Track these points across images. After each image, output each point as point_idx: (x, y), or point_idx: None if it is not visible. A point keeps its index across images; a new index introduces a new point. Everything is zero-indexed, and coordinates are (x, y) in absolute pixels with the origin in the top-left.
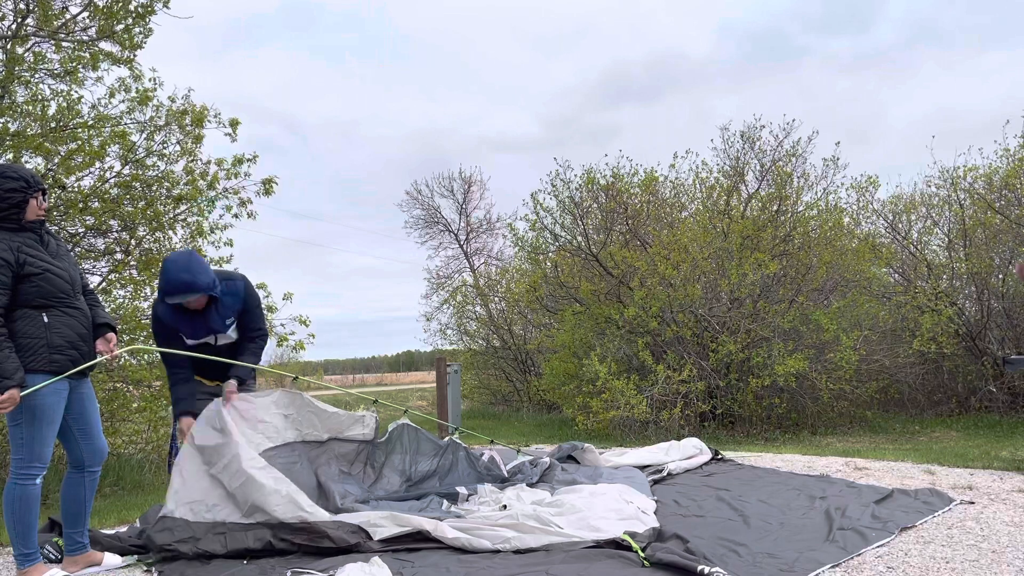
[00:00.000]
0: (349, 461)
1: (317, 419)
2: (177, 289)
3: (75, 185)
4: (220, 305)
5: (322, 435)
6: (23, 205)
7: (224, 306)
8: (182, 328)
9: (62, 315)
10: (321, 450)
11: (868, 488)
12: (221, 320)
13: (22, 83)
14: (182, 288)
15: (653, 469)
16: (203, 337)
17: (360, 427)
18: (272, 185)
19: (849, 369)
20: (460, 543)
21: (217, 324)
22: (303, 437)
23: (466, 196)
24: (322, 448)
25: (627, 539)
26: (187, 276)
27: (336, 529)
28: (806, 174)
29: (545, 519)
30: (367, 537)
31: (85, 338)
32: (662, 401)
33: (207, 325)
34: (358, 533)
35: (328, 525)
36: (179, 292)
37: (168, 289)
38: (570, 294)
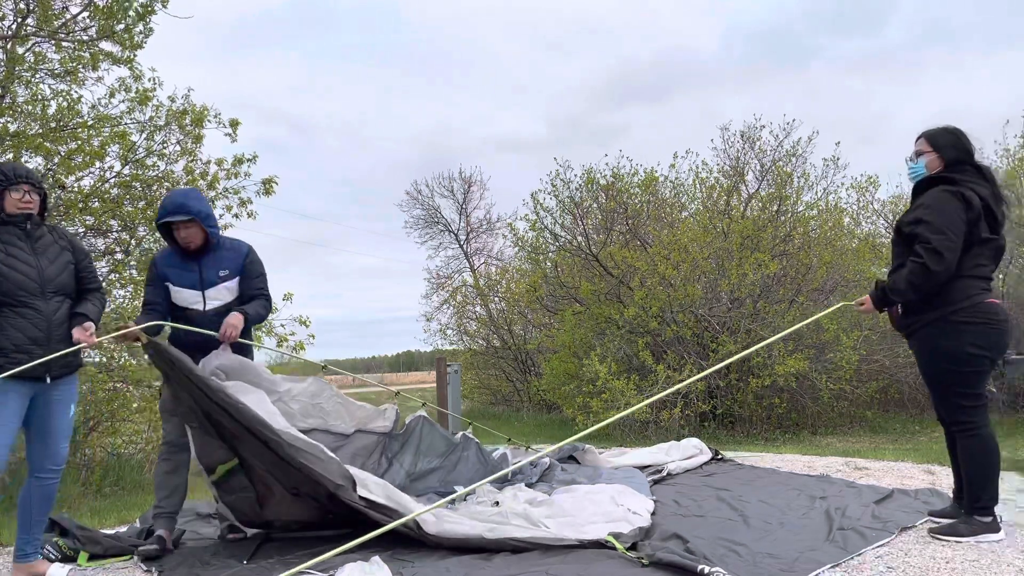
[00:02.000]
0: (368, 453)
1: (345, 411)
2: (169, 209)
3: (75, 185)
4: (216, 252)
5: (349, 427)
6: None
7: (220, 257)
8: (172, 276)
9: (14, 316)
10: (345, 442)
11: (868, 488)
12: (216, 270)
13: (22, 83)
14: (174, 208)
15: (653, 469)
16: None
17: (382, 420)
18: (272, 185)
19: (849, 369)
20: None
21: (210, 273)
22: (328, 427)
23: (466, 196)
24: (346, 441)
25: (610, 539)
26: (182, 198)
27: (329, 462)
28: (806, 174)
29: (534, 519)
30: (352, 487)
31: (39, 341)
32: (662, 401)
33: (199, 275)
34: (347, 478)
35: (325, 455)
36: (171, 212)
37: (161, 211)
38: (570, 294)
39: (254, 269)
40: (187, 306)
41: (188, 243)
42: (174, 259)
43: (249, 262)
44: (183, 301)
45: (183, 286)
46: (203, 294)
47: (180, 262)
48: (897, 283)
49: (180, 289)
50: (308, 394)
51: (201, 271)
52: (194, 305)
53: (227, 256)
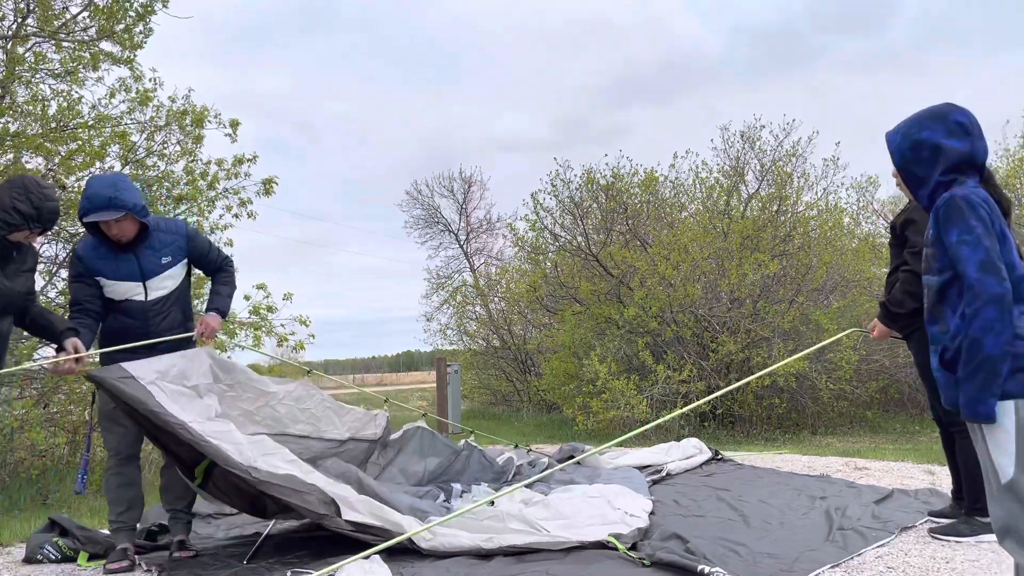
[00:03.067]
0: (360, 461)
1: (336, 416)
2: (97, 204)
3: (75, 185)
4: (153, 237)
5: (343, 433)
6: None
7: (159, 241)
8: (104, 271)
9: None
10: (340, 449)
11: (868, 488)
12: (156, 257)
13: (23, 83)
14: (103, 204)
15: (652, 469)
16: (128, 279)
17: (373, 426)
18: (272, 185)
19: (849, 369)
20: (434, 545)
21: (150, 263)
22: (321, 434)
23: (466, 196)
24: (341, 447)
25: (612, 540)
26: (111, 190)
27: (309, 492)
28: (806, 174)
29: (531, 520)
30: (336, 513)
31: None
32: (662, 401)
33: (138, 265)
34: (329, 505)
35: (304, 485)
36: (100, 208)
37: (87, 205)
38: (570, 294)
39: (201, 245)
40: (125, 298)
41: (120, 237)
42: (104, 251)
43: (193, 244)
44: (120, 294)
45: (120, 279)
46: (144, 285)
47: (112, 254)
48: (895, 296)
49: (117, 283)
50: (294, 398)
51: (139, 261)
52: (134, 296)
53: (167, 240)
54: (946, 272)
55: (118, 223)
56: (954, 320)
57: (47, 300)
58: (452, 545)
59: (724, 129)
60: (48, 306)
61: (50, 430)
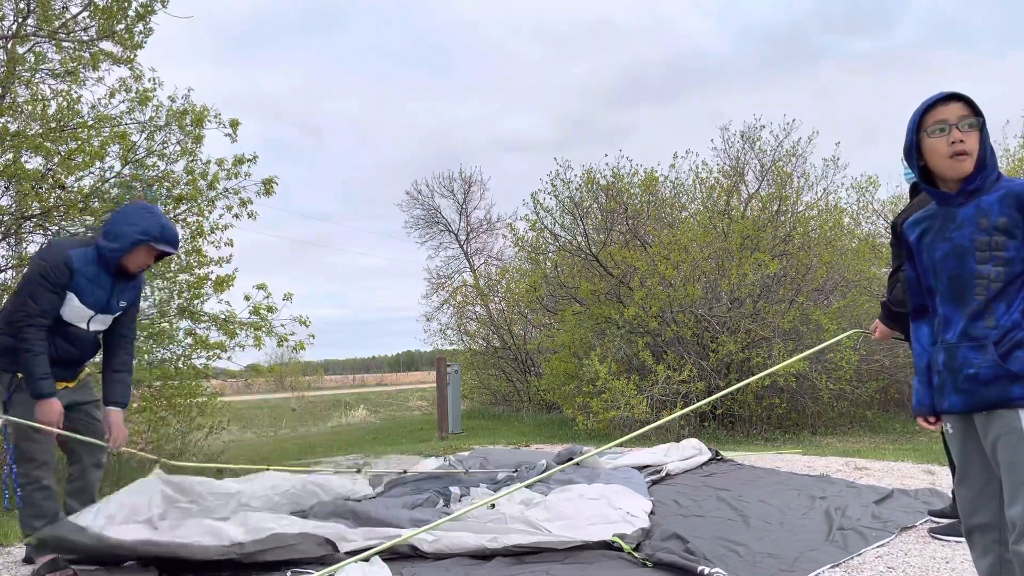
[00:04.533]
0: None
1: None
2: (170, 238)
3: (75, 185)
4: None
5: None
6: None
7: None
8: (83, 289)
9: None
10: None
11: (868, 488)
12: (120, 298)
13: (23, 83)
14: (174, 239)
15: (652, 470)
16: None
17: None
18: (272, 185)
19: (849, 369)
20: (439, 547)
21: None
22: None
23: (466, 196)
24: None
25: (617, 540)
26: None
27: (301, 542)
28: (806, 174)
29: (533, 522)
30: (334, 549)
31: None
32: (662, 401)
33: (107, 298)
34: (324, 545)
35: (292, 538)
36: (172, 242)
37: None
38: (570, 294)
39: (137, 303)
40: (71, 322)
41: (139, 269)
42: (92, 270)
43: (137, 298)
44: (72, 317)
45: (85, 303)
46: (94, 316)
47: (95, 276)
48: (896, 296)
49: (79, 305)
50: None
51: (111, 295)
52: (79, 323)
53: (132, 287)
54: (1017, 264)
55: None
56: (1010, 315)
57: None
58: (456, 546)
59: (724, 129)
60: None
61: None
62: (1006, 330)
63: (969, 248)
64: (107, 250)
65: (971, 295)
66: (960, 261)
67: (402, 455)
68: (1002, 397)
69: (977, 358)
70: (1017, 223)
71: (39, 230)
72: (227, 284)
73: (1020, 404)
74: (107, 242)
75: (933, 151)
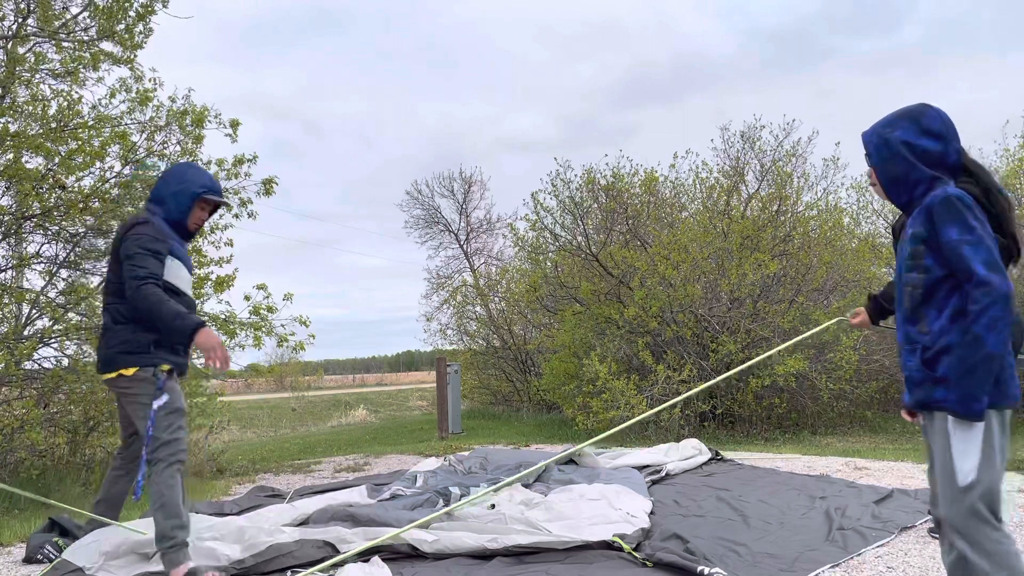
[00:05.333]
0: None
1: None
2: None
3: (75, 185)
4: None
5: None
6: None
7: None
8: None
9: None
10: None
11: (868, 488)
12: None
13: (23, 83)
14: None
15: (652, 470)
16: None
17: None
18: (272, 185)
19: (849, 369)
20: (439, 547)
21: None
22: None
23: (466, 196)
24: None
25: (617, 540)
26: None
27: (300, 548)
28: (806, 174)
29: (533, 522)
30: (333, 551)
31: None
32: (662, 401)
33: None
34: (324, 548)
35: (290, 546)
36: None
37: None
38: (570, 294)
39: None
40: (181, 289)
41: (197, 227)
42: (175, 236)
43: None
44: (180, 282)
45: (188, 267)
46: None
47: (179, 240)
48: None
49: (183, 268)
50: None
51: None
52: (186, 289)
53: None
54: (936, 271)
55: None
56: (939, 321)
57: (47, 300)
58: (456, 547)
59: (724, 129)
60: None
61: (50, 430)
62: (936, 335)
63: (903, 257)
64: (173, 213)
65: (903, 301)
66: (899, 269)
67: (402, 455)
68: (927, 399)
69: (910, 360)
70: (931, 233)
71: (39, 230)
72: (227, 284)
73: (941, 407)
74: (165, 206)
75: None
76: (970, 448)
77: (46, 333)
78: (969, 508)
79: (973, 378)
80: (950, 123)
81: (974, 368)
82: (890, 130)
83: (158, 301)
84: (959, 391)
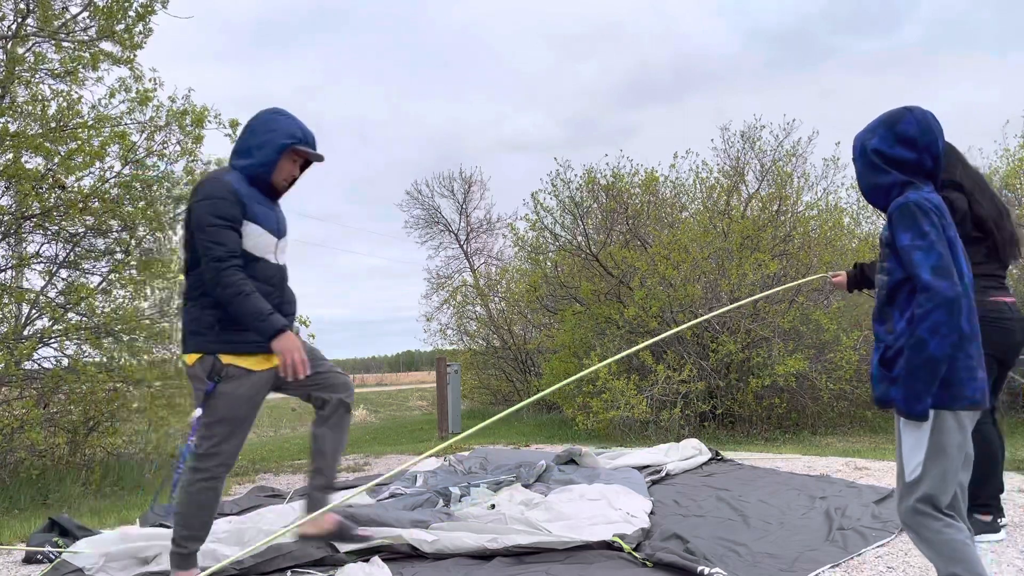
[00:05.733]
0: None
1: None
2: (310, 139)
3: (75, 185)
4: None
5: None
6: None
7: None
8: (258, 215)
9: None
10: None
11: (868, 488)
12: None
13: (22, 83)
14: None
15: (652, 470)
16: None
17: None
18: None
19: (849, 369)
20: (439, 547)
21: (283, 220)
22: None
23: (466, 196)
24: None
25: (617, 540)
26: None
27: (299, 547)
28: (806, 174)
29: (533, 522)
30: (333, 550)
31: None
32: (662, 401)
33: (276, 218)
34: (323, 548)
35: (289, 546)
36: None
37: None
38: (570, 294)
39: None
40: (260, 255)
41: (285, 183)
42: (253, 194)
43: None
44: (259, 248)
45: (268, 229)
46: (278, 243)
47: (261, 198)
48: None
49: (263, 233)
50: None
51: (277, 216)
52: (267, 255)
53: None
54: (896, 273)
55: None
56: (900, 322)
57: (47, 300)
58: (456, 547)
59: (724, 129)
60: (48, 307)
61: (50, 430)
62: (896, 336)
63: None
64: (256, 166)
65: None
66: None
67: (402, 455)
68: (884, 397)
69: (875, 358)
70: (891, 238)
71: (39, 230)
72: None
73: (894, 405)
74: (249, 159)
75: None
76: (917, 446)
77: (46, 333)
78: (913, 502)
79: (915, 380)
80: (929, 127)
81: (916, 370)
82: (868, 137)
83: (239, 294)
84: (903, 391)
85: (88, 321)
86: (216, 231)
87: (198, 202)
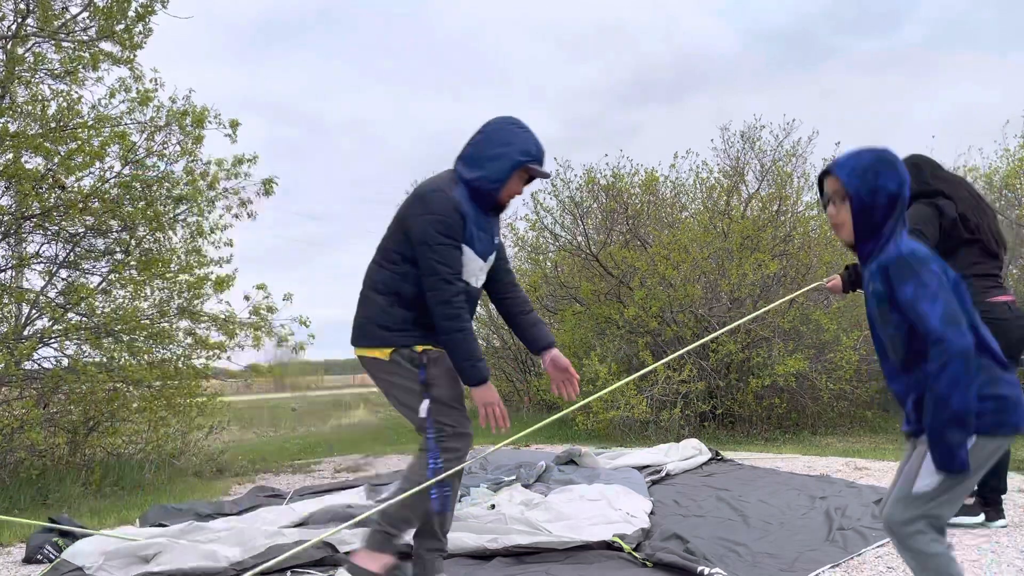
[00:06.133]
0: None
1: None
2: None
3: (75, 185)
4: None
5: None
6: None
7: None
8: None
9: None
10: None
11: (868, 488)
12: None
13: (22, 83)
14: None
15: (652, 470)
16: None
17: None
18: (272, 185)
19: (849, 369)
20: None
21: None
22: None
23: None
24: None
25: (617, 540)
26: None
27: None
28: (806, 174)
29: (533, 523)
30: (333, 551)
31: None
32: (662, 401)
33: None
34: (323, 548)
35: (290, 546)
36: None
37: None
38: (570, 294)
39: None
40: (466, 279)
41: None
42: (473, 212)
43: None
44: (466, 272)
45: (478, 252)
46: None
47: (477, 218)
48: None
49: (474, 258)
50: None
51: (492, 234)
52: (471, 278)
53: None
54: (904, 325)
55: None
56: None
57: (47, 300)
58: (456, 547)
59: (724, 129)
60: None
61: (50, 430)
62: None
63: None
64: (486, 182)
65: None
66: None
67: (402, 455)
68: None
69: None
70: (890, 292)
71: (39, 230)
72: (227, 284)
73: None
74: (480, 172)
75: None
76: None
77: (46, 333)
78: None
79: (945, 439)
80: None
81: (943, 430)
82: (873, 176)
83: (461, 330)
84: (936, 453)
85: (88, 321)
86: (446, 250)
87: (423, 216)
